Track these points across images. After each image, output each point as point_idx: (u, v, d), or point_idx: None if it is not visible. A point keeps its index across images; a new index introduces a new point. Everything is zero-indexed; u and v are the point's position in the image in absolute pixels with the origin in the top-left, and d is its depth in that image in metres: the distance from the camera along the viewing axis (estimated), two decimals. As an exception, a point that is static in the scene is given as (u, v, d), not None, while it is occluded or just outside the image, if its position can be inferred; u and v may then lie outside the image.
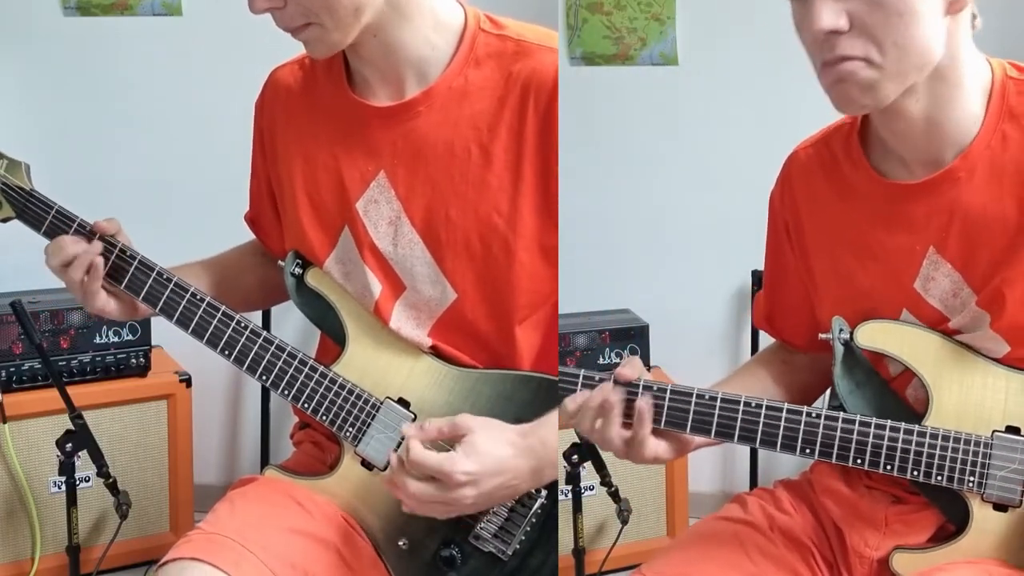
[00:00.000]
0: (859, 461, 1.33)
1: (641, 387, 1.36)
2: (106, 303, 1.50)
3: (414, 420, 1.46)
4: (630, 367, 1.37)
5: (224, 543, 1.38)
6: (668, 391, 1.36)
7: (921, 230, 1.34)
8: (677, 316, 2.93)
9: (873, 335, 1.37)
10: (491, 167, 1.42)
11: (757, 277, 2.89)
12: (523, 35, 1.45)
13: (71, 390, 2.23)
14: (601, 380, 1.37)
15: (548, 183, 1.42)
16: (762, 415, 1.34)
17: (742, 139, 2.89)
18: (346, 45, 1.40)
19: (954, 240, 1.32)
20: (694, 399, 1.35)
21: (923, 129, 1.30)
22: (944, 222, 1.33)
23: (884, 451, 1.33)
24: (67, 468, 2.20)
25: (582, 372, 1.39)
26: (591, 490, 2.58)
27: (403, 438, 1.43)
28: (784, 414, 1.34)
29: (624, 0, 2.90)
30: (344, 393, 1.47)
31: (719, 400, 1.35)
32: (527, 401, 1.44)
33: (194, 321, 1.48)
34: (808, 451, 1.34)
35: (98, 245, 1.48)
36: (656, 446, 1.36)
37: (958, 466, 1.32)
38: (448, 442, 1.38)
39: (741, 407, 1.35)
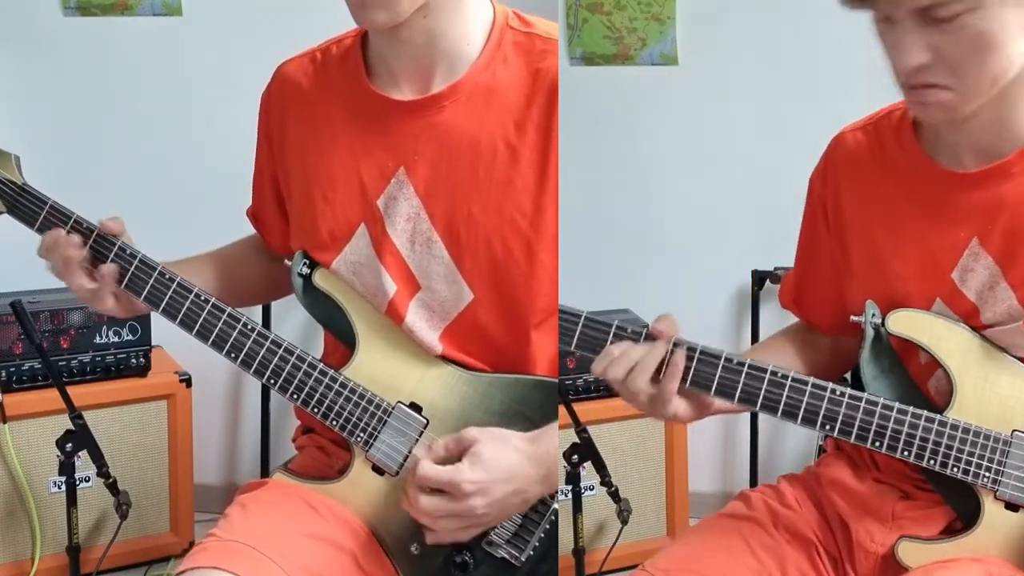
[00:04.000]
0: (877, 444, 1.34)
1: (673, 343, 1.37)
2: (114, 306, 1.47)
3: (427, 425, 1.44)
4: (665, 323, 1.38)
5: (242, 550, 1.35)
6: (698, 351, 1.36)
7: (967, 221, 1.34)
8: (677, 316, 2.90)
9: (904, 322, 1.37)
10: (518, 166, 1.41)
11: (757, 277, 2.89)
12: (551, 34, 1.45)
13: (71, 390, 2.23)
14: (634, 332, 1.38)
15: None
16: (786, 387, 1.34)
17: (742, 139, 2.89)
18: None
19: (999, 234, 1.33)
20: (722, 362, 1.36)
21: (988, 126, 1.31)
22: (991, 215, 1.33)
23: (903, 436, 1.33)
24: (67, 468, 2.20)
25: (615, 322, 1.38)
26: (591, 490, 2.58)
27: (415, 442, 1.43)
28: (808, 388, 1.34)
29: (624, 0, 2.90)
30: (355, 398, 1.44)
31: (746, 367, 1.35)
32: (540, 406, 1.43)
33: (198, 323, 1.44)
34: (828, 427, 1.34)
35: (76, 239, 1.43)
36: (678, 404, 1.36)
37: (975, 460, 1.33)
38: (457, 456, 1.37)
39: (767, 376, 1.35)
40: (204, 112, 2.83)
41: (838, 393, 1.34)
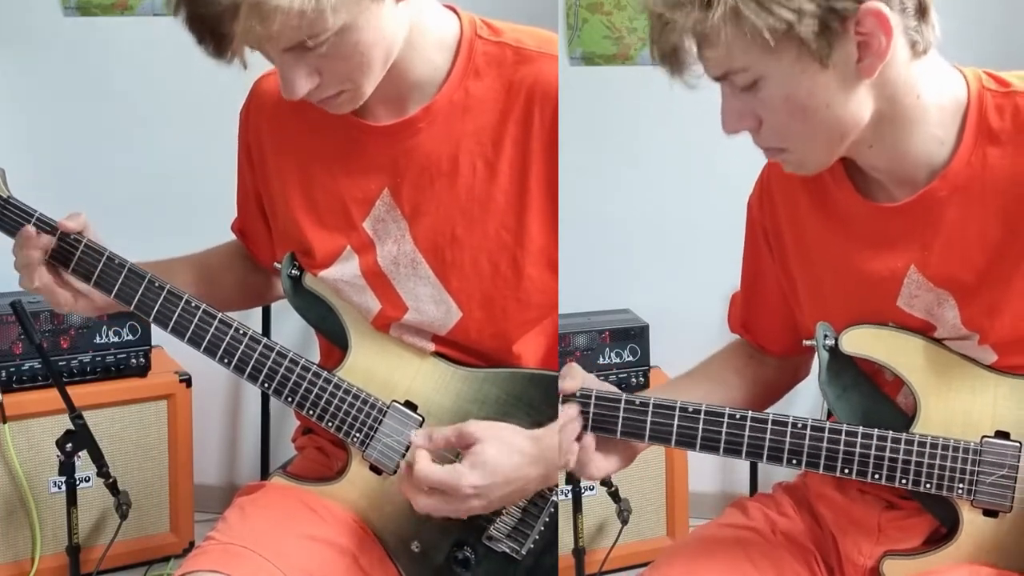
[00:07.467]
0: (847, 471, 1.32)
1: (578, 396, 1.36)
2: (72, 301, 1.45)
3: (422, 423, 1.44)
4: (570, 378, 1.37)
5: (240, 553, 1.35)
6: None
7: (902, 250, 1.32)
8: (677, 316, 2.92)
9: (859, 341, 1.35)
10: (497, 182, 1.39)
11: (757, 277, 2.89)
12: (522, 41, 1.41)
13: (71, 390, 2.23)
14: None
15: (555, 194, 1.40)
16: (746, 426, 1.33)
17: (742, 139, 2.88)
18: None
19: (936, 259, 1.30)
20: (677, 411, 1.35)
21: (887, 161, 1.29)
22: (925, 242, 1.30)
23: (872, 460, 1.31)
24: (67, 468, 2.20)
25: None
26: (591, 490, 2.58)
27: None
28: (769, 426, 1.33)
29: (624, 0, 2.90)
30: (350, 399, 1.44)
31: (703, 412, 1.34)
32: (538, 400, 1.43)
33: (190, 330, 1.44)
34: (795, 461, 1.33)
35: (48, 238, 1.42)
36: (601, 463, 1.38)
37: (947, 473, 1.31)
38: (456, 451, 1.37)
39: (726, 418, 1.34)
40: (204, 113, 2.83)
41: (800, 426, 1.33)
